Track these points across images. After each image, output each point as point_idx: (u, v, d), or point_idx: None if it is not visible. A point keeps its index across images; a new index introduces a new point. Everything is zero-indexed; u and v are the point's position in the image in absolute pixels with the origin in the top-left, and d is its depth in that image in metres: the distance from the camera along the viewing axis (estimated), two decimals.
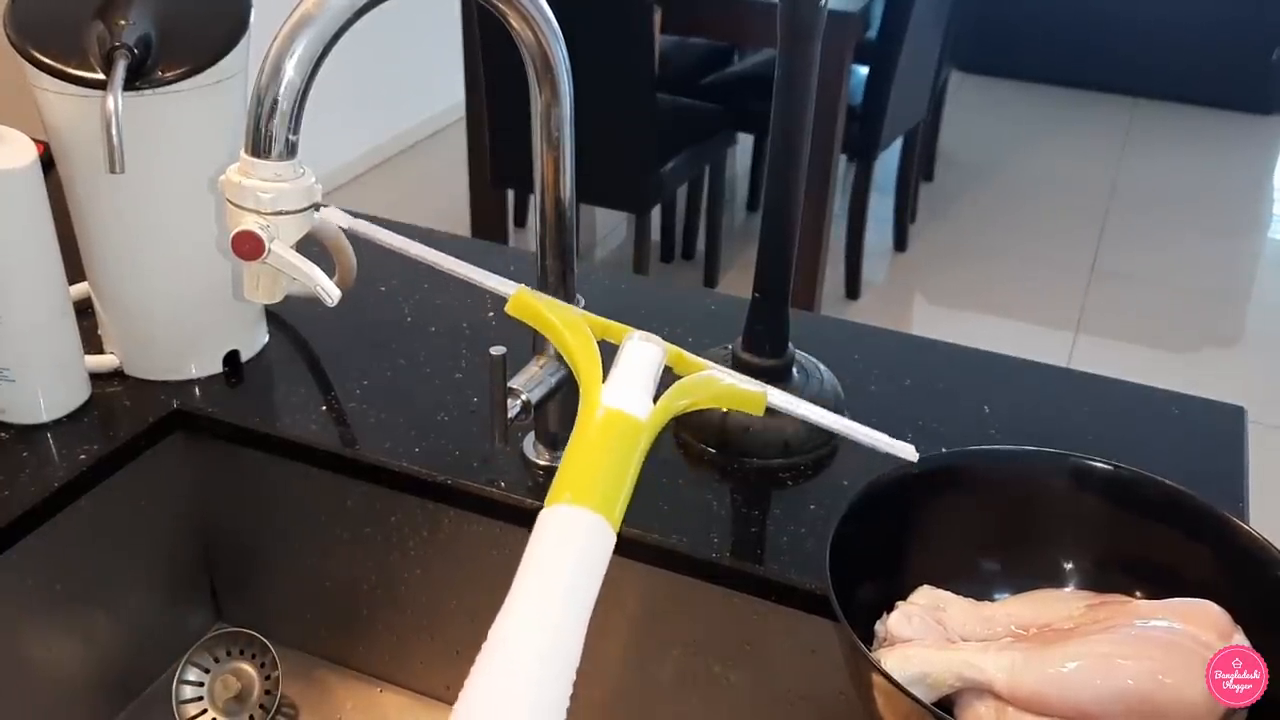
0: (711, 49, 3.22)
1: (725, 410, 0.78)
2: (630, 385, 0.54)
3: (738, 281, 3.01)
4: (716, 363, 0.81)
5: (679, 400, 0.56)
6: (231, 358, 0.87)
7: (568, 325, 0.58)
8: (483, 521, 0.78)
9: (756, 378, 0.79)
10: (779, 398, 0.61)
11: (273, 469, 0.83)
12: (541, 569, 0.46)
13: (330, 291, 0.62)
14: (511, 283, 0.61)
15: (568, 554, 0.47)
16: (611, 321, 0.60)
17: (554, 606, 0.45)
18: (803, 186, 0.74)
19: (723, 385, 0.59)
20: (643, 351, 0.56)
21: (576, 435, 0.51)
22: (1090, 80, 4.40)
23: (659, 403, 0.54)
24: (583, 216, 3.22)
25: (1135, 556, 0.66)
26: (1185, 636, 0.58)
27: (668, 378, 0.59)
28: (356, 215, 1.14)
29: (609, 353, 0.59)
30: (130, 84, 0.72)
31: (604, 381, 0.54)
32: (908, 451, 0.64)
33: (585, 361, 0.55)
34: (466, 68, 2.74)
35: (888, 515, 0.67)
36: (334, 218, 0.63)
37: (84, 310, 0.85)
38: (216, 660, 0.84)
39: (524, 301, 0.60)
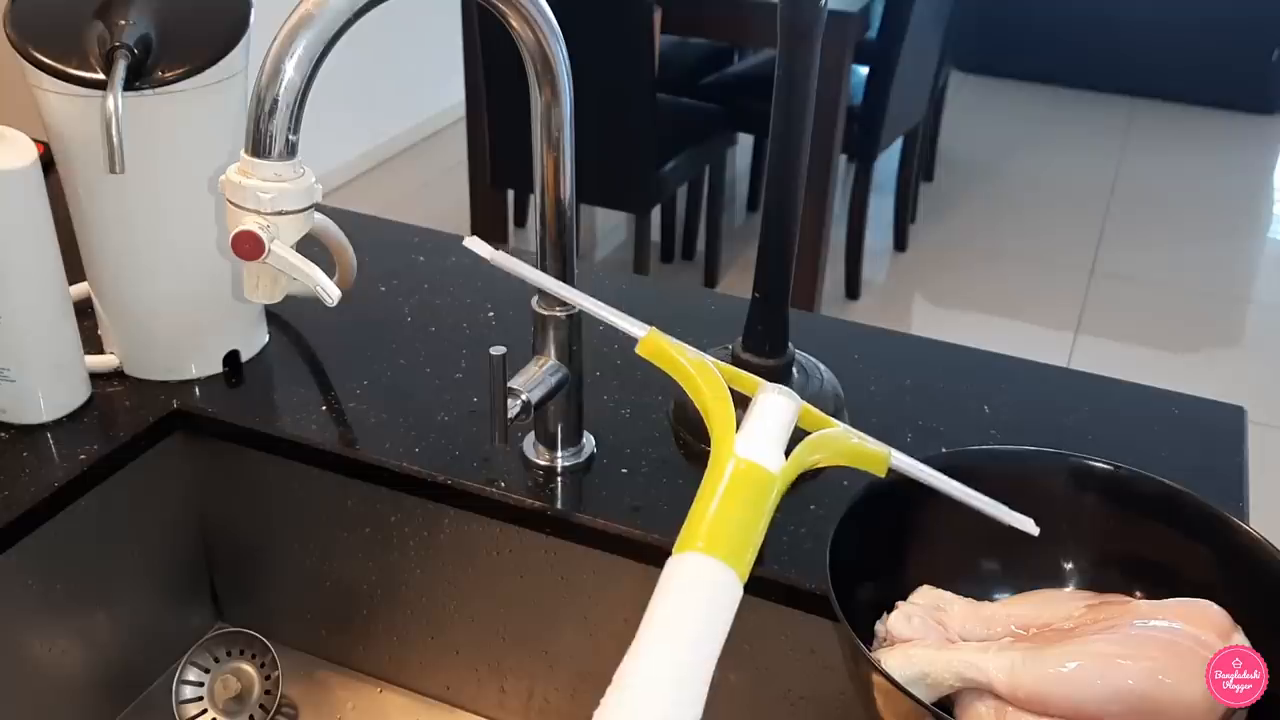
0: (712, 49, 3.22)
1: None
2: (764, 437, 0.53)
3: (738, 281, 3.01)
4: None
5: (810, 455, 0.56)
6: (231, 358, 0.87)
7: (698, 369, 0.58)
8: (483, 521, 0.78)
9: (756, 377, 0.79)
10: (902, 460, 0.61)
11: (273, 469, 0.83)
12: (671, 618, 0.46)
13: (330, 291, 0.62)
14: (642, 324, 0.60)
15: (698, 604, 0.47)
16: (738, 370, 0.60)
17: (682, 657, 0.45)
18: (803, 187, 0.74)
19: (850, 444, 0.59)
20: (776, 404, 0.56)
21: (708, 483, 0.51)
22: (1090, 80, 4.40)
23: (791, 457, 0.54)
24: (583, 217, 3.22)
25: (1135, 556, 0.66)
26: (1185, 636, 0.58)
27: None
28: (356, 215, 1.14)
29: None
30: (130, 84, 0.72)
31: (737, 431, 0.54)
32: (1028, 525, 0.63)
33: (718, 407, 0.55)
34: (467, 68, 2.74)
35: (888, 515, 0.67)
36: (478, 248, 0.63)
37: (84, 310, 0.85)
38: (216, 660, 0.84)
39: (655, 344, 0.59)
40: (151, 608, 0.86)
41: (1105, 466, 0.68)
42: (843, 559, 0.61)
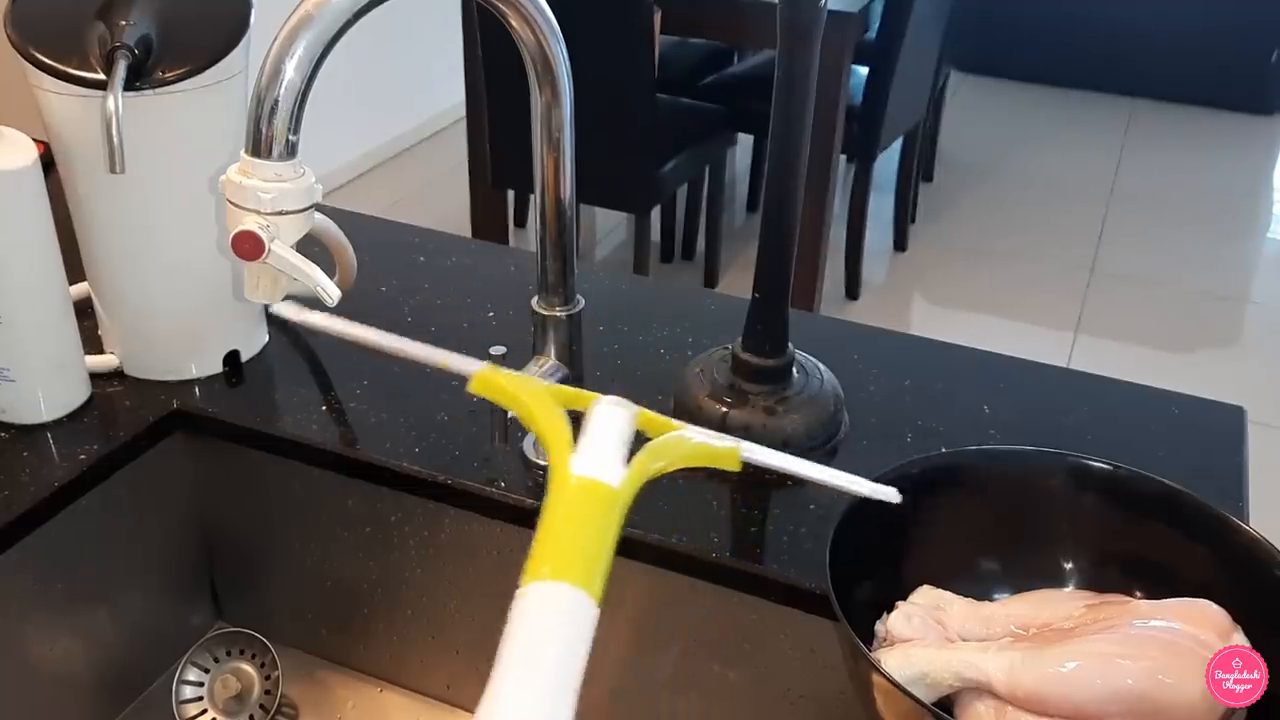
0: (711, 50, 3.22)
1: (725, 411, 0.78)
2: (601, 452, 0.51)
3: (738, 281, 3.02)
4: (715, 364, 0.82)
5: (653, 464, 0.53)
6: (232, 358, 0.87)
7: (533, 398, 0.55)
8: (483, 521, 0.78)
9: (757, 377, 0.79)
10: (753, 452, 0.59)
11: (273, 469, 0.83)
12: (525, 652, 0.44)
13: (330, 292, 0.62)
14: (474, 361, 0.58)
15: (552, 634, 0.44)
16: (580, 390, 0.58)
17: (541, 691, 0.43)
18: (802, 187, 0.74)
19: (695, 444, 0.57)
20: (611, 416, 0.54)
21: (548, 508, 0.49)
22: (1090, 81, 4.40)
23: (632, 467, 0.51)
24: (583, 217, 3.22)
25: (1135, 556, 0.67)
26: (1184, 636, 0.58)
27: (638, 440, 0.57)
28: (356, 215, 1.14)
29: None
30: (131, 84, 0.72)
31: (573, 451, 0.51)
32: (890, 494, 0.61)
33: (552, 432, 0.53)
34: (467, 68, 2.74)
35: (887, 515, 0.67)
36: (286, 311, 0.61)
37: (84, 310, 0.85)
38: (216, 660, 0.84)
39: (487, 379, 0.57)
40: (152, 607, 0.86)
41: (1105, 466, 0.68)
42: (843, 559, 0.61)
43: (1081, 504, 0.68)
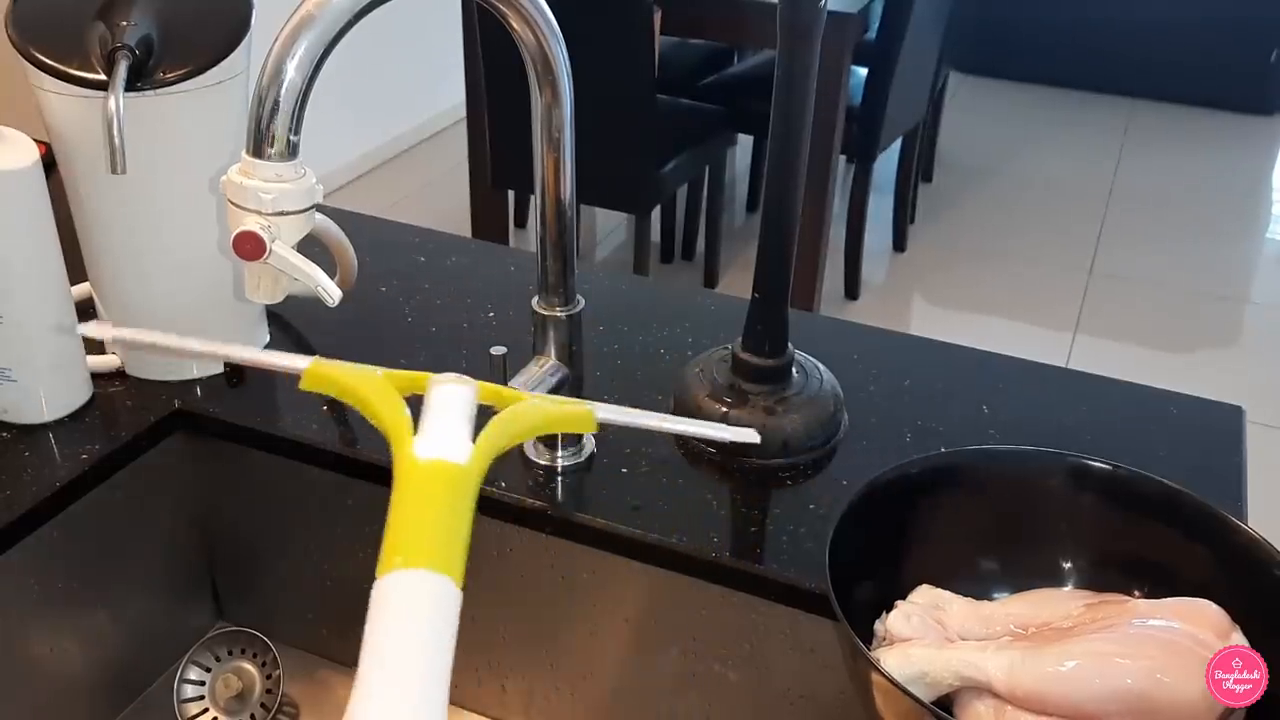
0: (711, 50, 3.23)
1: (725, 411, 0.79)
2: (443, 431, 0.49)
3: (738, 282, 3.02)
4: (715, 364, 0.82)
5: (501, 435, 0.51)
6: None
7: (367, 386, 0.53)
8: (483, 521, 0.78)
9: (756, 377, 0.79)
10: (607, 412, 0.56)
11: (274, 468, 0.83)
12: (389, 645, 0.42)
13: (331, 292, 0.62)
14: (302, 358, 0.55)
15: (418, 622, 0.42)
16: (419, 373, 0.55)
17: (411, 681, 0.41)
18: (802, 187, 0.74)
19: (545, 411, 0.55)
20: (449, 393, 0.52)
21: (396, 495, 0.47)
22: (1089, 82, 4.40)
23: (478, 442, 0.50)
24: (583, 217, 3.22)
25: (1134, 556, 0.67)
26: (1183, 636, 0.58)
27: (488, 416, 0.55)
28: (357, 215, 1.14)
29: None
30: (132, 85, 0.72)
31: (414, 434, 0.50)
32: (749, 435, 0.58)
33: (391, 419, 0.51)
34: (467, 69, 2.74)
35: (887, 515, 0.67)
36: (95, 332, 0.58)
37: (85, 310, 0.85)
38: (218, 659, 0.84)
39: (318, 373, 0.55)
40: (153, 607, 0.86)
41: (1104, 466, 0.68)
42: (842, 558, 0.61)
43: (1080, 504, 0.68)
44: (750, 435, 0.58)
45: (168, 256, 0.82)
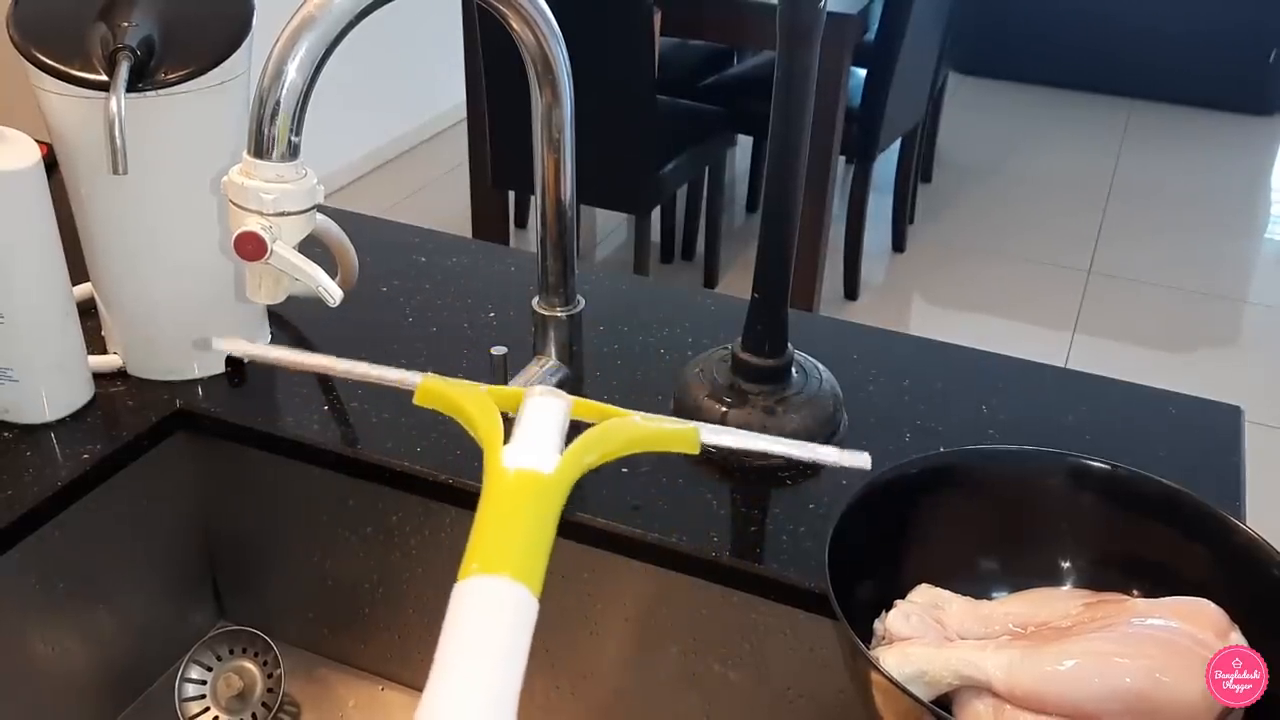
0: (711, 51, 3.23)
1: (725, 411, 0.79)
2: (531, 442, 0.50)
3: (737, 282, 3.02)
4: (715, 364, 0.82)
5: (589, 450, 0.51)
6: (234, 358, 0.87)
7: (471, 401, 0.54)
8: None
9: (756, 377, 0.80)
10: (713, 433, 0.55)
11: (275, 468, 0.83)
12: (465, 647, 0.42)
13: (332, 292, 0.62)
14: (416, 374, 0.57)
15: (491, 629, 0.43)
16: (517, 389, 0.56)
17: (482, 688, 0.41)
18: (802, 188, 0.74)
19: (642, 429, 0.54)
20: (542, 407, 0.53)
21: (483, 502, 0.48)
22: (1088, 82, 4.40)
23: (566, 453, 0.50)
24: (583, 217, 3.22)
25: (1132, 555, 0.67)
26: (1182, 635, 0.58)
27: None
28: (357, 216, 1.14)
29: None
30: (133, 85, 0.72)
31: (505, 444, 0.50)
32: (862, 460, 0.58)
33: (486, 430, 0.52)
34: (467, 69, 2.74)
35: (886, 514, 0.67)
36: (231, 347, 0.60)
37: (87, 310, 0.85)
38: (219, 658, 0.84)
39: (430, 390, 0.56)
40: (154, 606, 0.86)
41: (1103, 466, 0.68)
42: (842, 558, 0.62)
43: (1079, 503, 0.68)
44: (863, 460, 0.57)
45: (169, 257, 0.82)
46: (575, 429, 0.53)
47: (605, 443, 0.52)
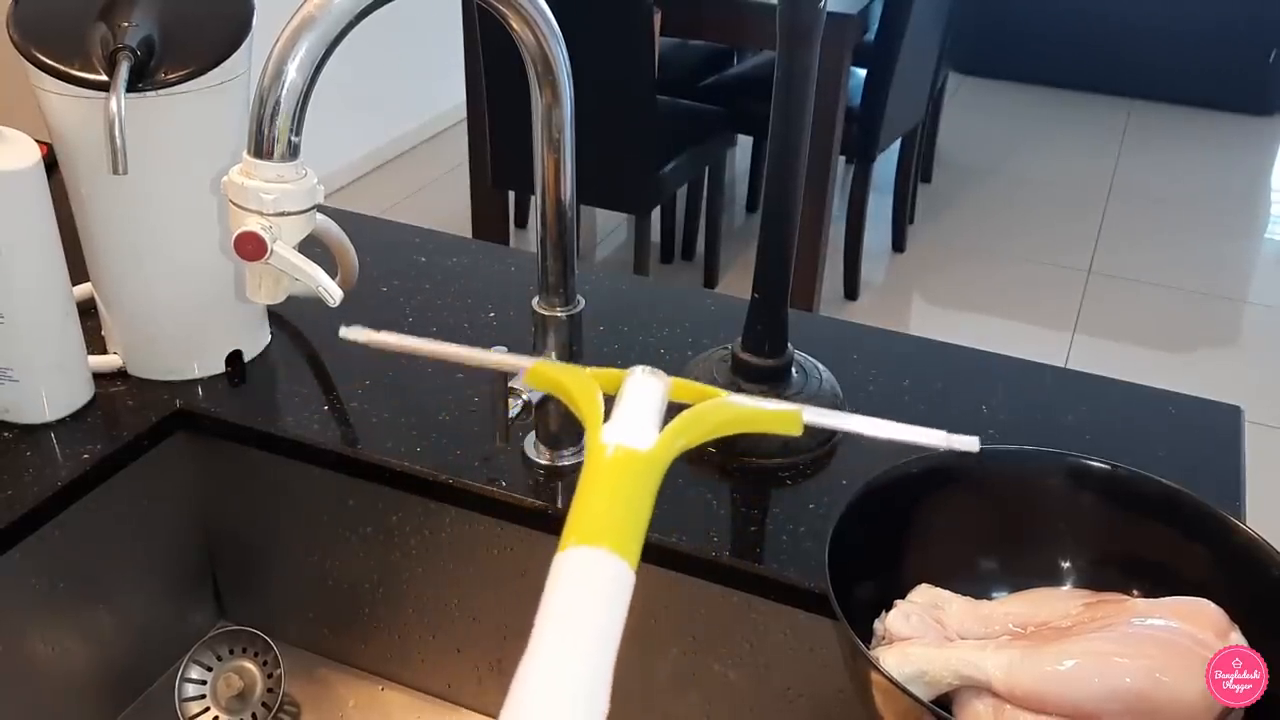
0: (711, 51, 3.23)
1: None
2: (629, 420, 0.52)
3: (737, 282, 3.02)
4: (715, 364, 0.82)
5: (688, 429, 0.52)
6: (234, 358, 0.87)
7: (575, 383, 0.56)
8: (484, 520, 0.78)
9: (756, 377, 0.80)
10: (816, 414, 0.56)
11: (275, 468, 0.83)
12: (564, 614, 0.44)
13: (332, 292, 0.62)
14: (527, 358, 0.59)
15: (586, 598, 0.44)
16: (619, 370, 0.58)
17: (581, 654, 0.43)
18: (802, 188, 0.74)
19: (742, 409, 0.55)
20: (639, 384, 0.54)
21: (583, 479, 0.49)
22: (1088, 82, 4.40)
23: (665, 431, 0.51)
24: (583, 217, 3.22)
25: (1132, 555, 0.67)
26: (1182, 635, 0.58)
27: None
28: (357, 216, 1.14)
29: None
30: (133, 85, 0.72)
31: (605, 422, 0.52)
32: (970, 444, 0.58)
33: (588, 409, 0.53)
34: (467, 69, 2.74)
35: (886, 514, 0.67)
36: (358, 335, 0.61)
37: (87, 310, 0.85)
38: (219, 658, 0.84)
39: (540, 373, 0.58)
40: (154, 606, 0.86)
41: (1103, 466, 0.68)
42: (842, 558, 0.62)
43: (1079, 503, 0.68)
44: (971, 443, 0.57)
45: (169, 257, 0.82)
46: (674, 410, 0.54)
47: (702, 422, 0.53)
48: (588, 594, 0.45)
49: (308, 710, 0.87)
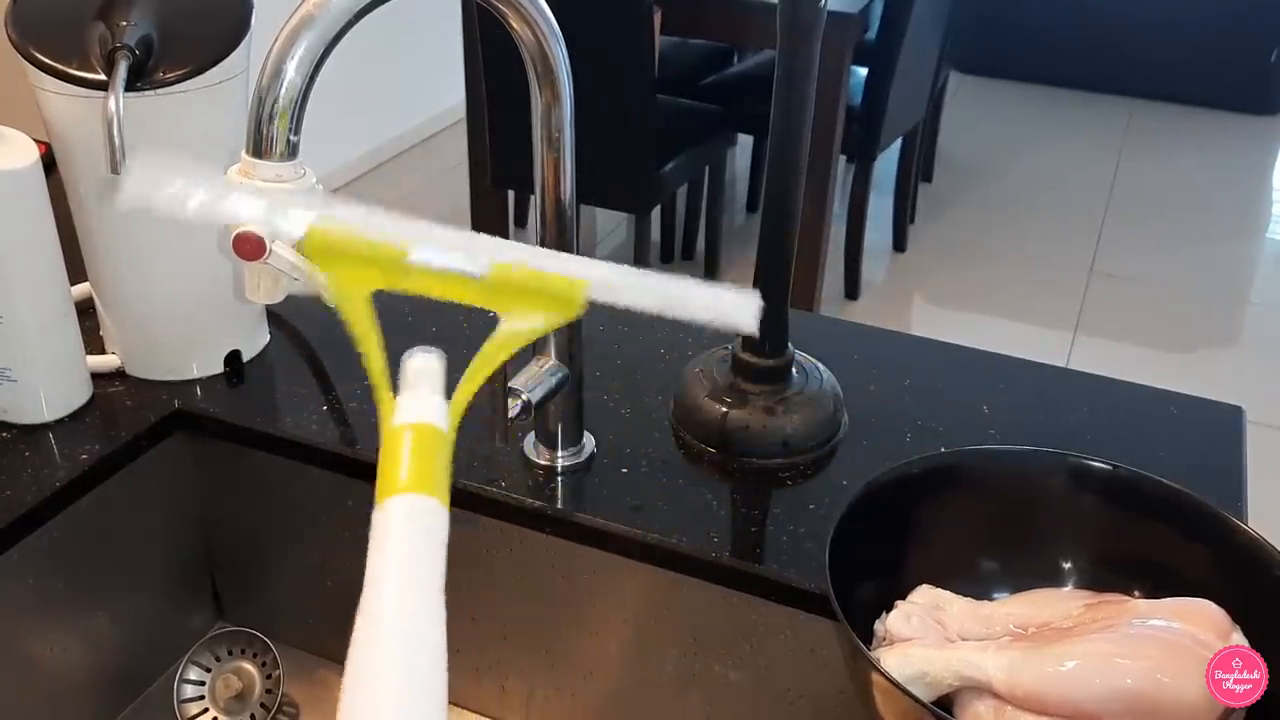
0: (711, 50, 3.22)
1: (725, 411, 0.78)
2: (415, 401, 0.56)
3: (737, 281, 2.95)
4: (716, 364, 0.82)
5: (473, 379, 0.57)
6: (233, 358, 0.87)
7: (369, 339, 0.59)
8: (483, 521, 0.78)
9: (756, 377, 0.79)
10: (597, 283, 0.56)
11: (274, 469, 0.83)
12: (397, 558, 0.48)
13: None
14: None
15: (416, 539, 0.49)
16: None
17: (420, 593, 0.47)
18: (802, 187, 0.74)
19: (499, 342, 0.59)
20: (412, 367, 0.59)
21: (382, 454, 0.52)
22: (1089, 81, 4.40)
23: (452, 405, 0.56)
24: (583, 217, 3.22)
25: (1133, 556, 0.67)
26: (1183, 636, 0.58)
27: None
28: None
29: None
30: (131, 85, 0.72)
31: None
32: (749, 305, 0.58)
33: (378, 379, 0.57)
34: (467, 68, 2.74)
35: (887, 515, 0.67)
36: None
37: (85, 310, 0.85)
38: (218, 659, 0.84)
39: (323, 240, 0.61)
40: (153, 607, 0.86)
41: (1104, 466, 0.68)
42: (842, 558, 0.61)
43: (1080, 504, 0.68)
44: (751, 304, 0.58)
45: (167, 256, 0.82)
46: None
47: (492, 357, 0.58)
48: (416, 535, 0.49)
49: (307, 711, 0.87)
